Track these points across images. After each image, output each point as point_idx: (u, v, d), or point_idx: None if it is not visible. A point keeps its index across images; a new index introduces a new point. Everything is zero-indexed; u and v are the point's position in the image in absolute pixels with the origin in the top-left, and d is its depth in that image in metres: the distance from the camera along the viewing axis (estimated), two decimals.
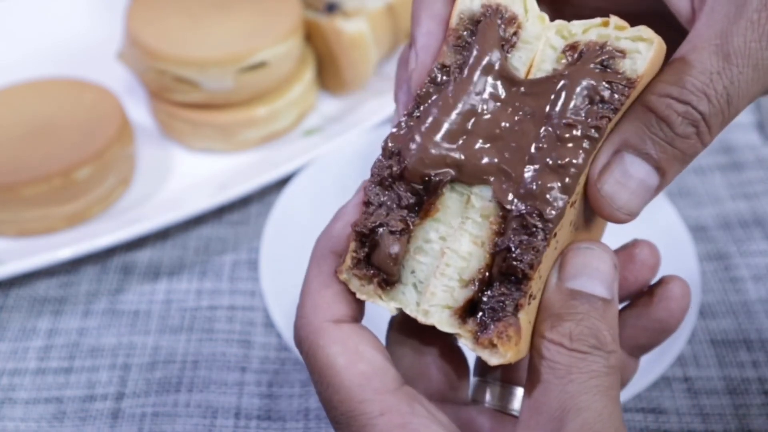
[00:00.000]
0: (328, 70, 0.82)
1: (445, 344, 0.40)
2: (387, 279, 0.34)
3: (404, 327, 0.40)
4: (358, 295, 0.34)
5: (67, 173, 0.67)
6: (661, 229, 0.64)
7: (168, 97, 0.76)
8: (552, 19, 0.36)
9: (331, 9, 0.79)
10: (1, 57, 0.87)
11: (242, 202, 0.74)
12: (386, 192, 0.34)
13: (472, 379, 0.42)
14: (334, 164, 0.72)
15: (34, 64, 0.84)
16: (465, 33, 0.35)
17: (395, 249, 0.33)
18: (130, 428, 0.56)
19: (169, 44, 0.74)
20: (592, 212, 0.36)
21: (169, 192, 0.74)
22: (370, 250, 0.34)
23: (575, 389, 0.31)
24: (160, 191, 0.74)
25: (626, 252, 0.42)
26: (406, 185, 0.33)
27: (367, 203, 0.34)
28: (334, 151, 0.72)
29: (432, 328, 0.34)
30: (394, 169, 0.34)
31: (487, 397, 0.41)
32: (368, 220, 0.34)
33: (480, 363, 0.43)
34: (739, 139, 0.81)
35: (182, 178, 0.76)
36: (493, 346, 0.32)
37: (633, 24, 0.34)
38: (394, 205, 0.34)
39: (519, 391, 0.41)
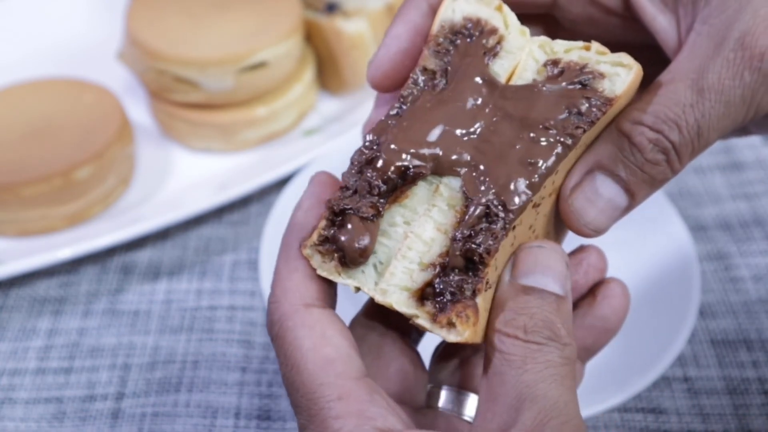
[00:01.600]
0: (328, 70, 0.82)
1: (404, 349, 0.41)
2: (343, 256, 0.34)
3: (366, 322, 0.41)
4: (319, 272, 0.34)
5: (67, 173, 0.67)
6: (661, 229, 0.64)
7: (168, 97, 0.76)
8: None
9: (331, 9, 0.79)
10: (1, 57, 0.87)
11: (242, 202, 0.74)
12: (362, 180, 0.35)
13: (428, 387, 0.42)
14: (334, 164, 0.72)
15: (34, 64, 0.84)
16: (445, 41, 0.37)
17: (364, 242, 0.34)
18: (130, 428, 0.56)
19: (169, 44, 0.74)
20: (563, 226, 0.37)
21: (169, 192, 0.74)
22: (337, 230, 0.34)
23: (531, 379, 0.31)
24: (160, 191, 0.74)
25: (575, 257, 0.42)
26: (382, 174, 0.34)
27: (343, 188, 0.35)
28: (334, 151, 0.72)
29: (394, 324, 0.35)
30: (374, 160, 0.35)
31: (441, 402, 0.41)
32: (342, 201, 0.34)
33: (435, 370, 0.43)
34: (739, 139, 0.81)
35: (182, 178, 0.76)
36: (451, 324, 0.33)
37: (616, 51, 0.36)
38: (366, 193, 0.34)
39: (473, 398, 0.41)
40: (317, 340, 0.33)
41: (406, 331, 0.41)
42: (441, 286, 0.34)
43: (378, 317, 0.41)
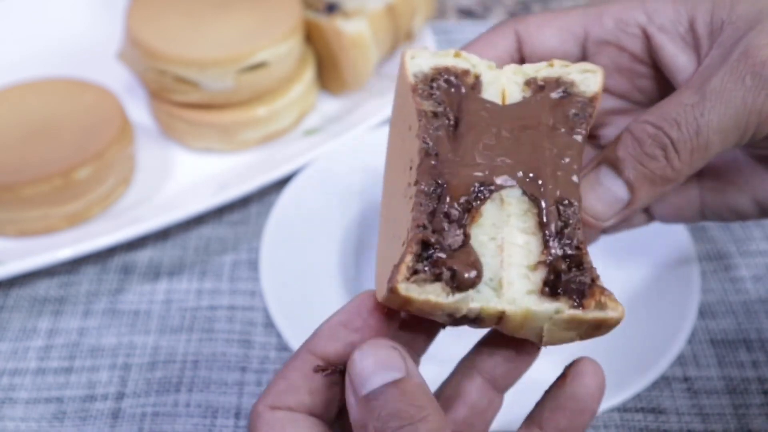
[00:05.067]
0: (328, 70, 0.83)
1: None
2: (454, 279, 0.34)
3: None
4: (424, 297, 0.33)
5: (67, 173, 0.67)
6: (661, 229, 0.65)
7: (168, 97, 0.76)
8: None
9: (331, 9, 0.79)
10: (1, 57, 0.87)
11: (242, 202, 0.74)
12: (438, 212, 0.35)
13: None
14: (334, 164, 0.72)
15: (34, 64, 0.84)
16: (426, 87, 0.38)
17: (473, 270, 0.34)
18: (130, 428, 0.56)
19: (169, 44, 0.74)
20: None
21: (169, 192, 0.74)
22: (439, 260, 0.34)
23: None
24: (160, 191, 0.74)
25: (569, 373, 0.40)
26: (456, 200, 0.35)
27: (420, 226, 0.35)
28: (334, 151, 0.72)
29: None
30: (443, 193, 0.35)
31: None
32: (428, 235, 0.34)
33: None
34: None
35: (182, 178, 0.76)
36: (602, 305, 0.34)
37: None
38: (446, 224, 0.35)
39: None
40: None
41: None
42: (562, 281, 0.34)
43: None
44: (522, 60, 0.45)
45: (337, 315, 0.37)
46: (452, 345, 0.43)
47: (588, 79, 0.38)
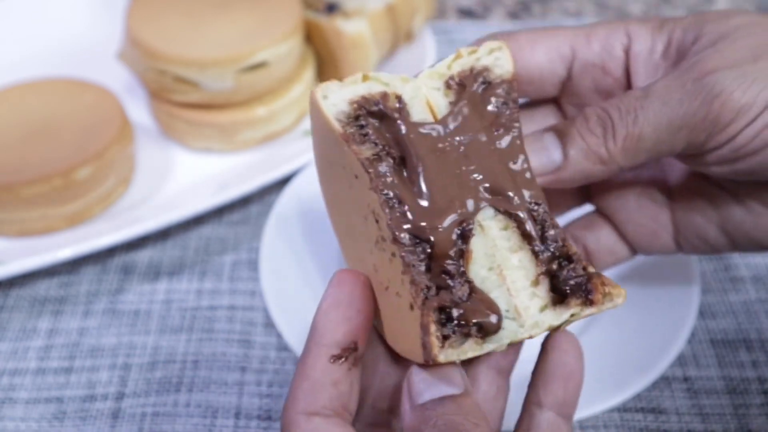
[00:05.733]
0: (328, 70, 0.82)
1: None
2: (481, 331, 0.35)
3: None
4: (463, 357, 0.34)
5: (67, 173, 0.67)
6: None
7: (168, 97, 0.76)
8: None
9: (331, 9, 0.79)
10: (1, 57, 0.87)
11: (242, 202, 0.74)
12: (435, 271, 0.35)
13: None
14: None
15: (34, 64, 0.84)
16: (353, 129, 0.37)
17: (494, 320, 0.35)
18: (130, 428, 0.56)
19: (169, 44, 0.74)
20: None
21: (169, 192, 0.74)
22: (445, 322, 0.34)
23: None
24: (160, 191, 0.74)
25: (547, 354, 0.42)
26: (446, 251, 0.36)
27: (425, 287, 0.35)
28: None
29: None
30: (431, 246, 0.36)
31: None
32: (438, 300, 0.34)
33: None
34: None
35: (182, 178, 0.76)
36: (608, 295, 0.35)
37: None
38: (449, 279, 0.35)
39: None
40: None
41: None
42: (561, 281, 0.35)
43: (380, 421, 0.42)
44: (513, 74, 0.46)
45: (324, 301, 0.38)
46: None
47: (499, 59, 0.39)
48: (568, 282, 0.35)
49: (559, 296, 0.36)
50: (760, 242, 0.47)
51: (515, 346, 0.43)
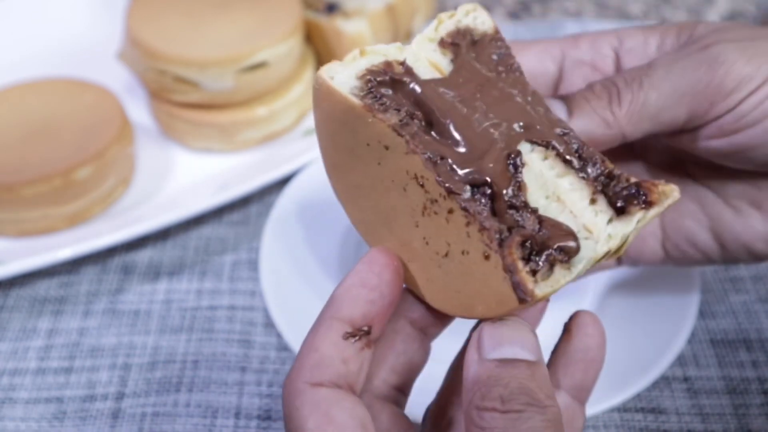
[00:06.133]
0: None
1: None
2: (564, 253, 0.34)
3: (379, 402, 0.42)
4: (558, 287, 0.34)
5: (67, 173, 0.67)
6: None
7: (168, 97, 0.76)
8: None
9: (331, 9, 0.79)
10: (1, 57, 0.87)
11: (242, 202, 0.74)
12: (500, 209, 0.35)
13: None
14: None
15: (34, 64, 0.84)
16: (373, 101, 0.37)
17: (574, 241, 0.34)
18: (130, 428, 0.56)
19: (169, 44, 0.74)
20: None
21: (169, 192, 0.74)
22: (529, 256, 0.34)
23: None
24: (160, 191, 0.74)
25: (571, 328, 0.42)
26: (508, 197, 0.35)
27: (498, 230, 0.34)
28: None
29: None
30: (486, 199, 0.35)
31: None
32: (524, 234, 0.34)
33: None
34: None
35: (182, 178, 0.76)
36: (663, 193, 0.35)
37: None
38: (514, 211, 0.35)
39: None
40: (320, 419, 0.34)
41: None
42: (614, 194, 0.36)
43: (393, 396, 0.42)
44: None
45: (350, 277, 0.37)
46: (454, 342, 0.43)
47: (477, 18, 0.40)
48: (621, 194, 0.35)
49: (621, 208, 0.35)
50: (751, 247, 0.47)
51: (543, 304, 0.42)
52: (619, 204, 0.35)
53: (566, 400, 0.40)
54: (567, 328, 0.41)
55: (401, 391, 0.42)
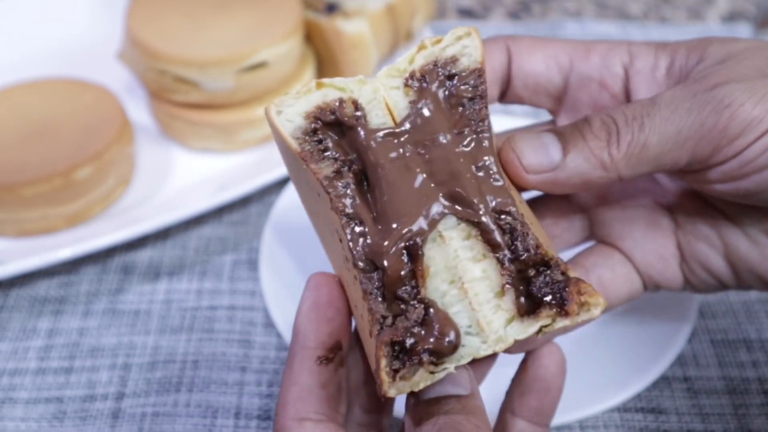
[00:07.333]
0: (328, 70, 0.83)
1: None
2: (434, 354, 0.33)
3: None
4: (415, 389, 0.33)
5: (67, 173, 0.67)
6: None
7: (168, 97, 0.76)
8: None
9: (331, 9, 0.79)
10: (1, 57, 0.87)
11: (242, 202, 0.74)
12: (389, 301, 0.34)
13: None
14: None
15: (34, 64, 0.84)
16: (311, 145, 0.35)
17: (452, 337, 0.33)
18: (130, 428, 0.56)
19: (169, 44, 0.74)
20: None
21: (169, 192, 0.74)
22: (399, 353, 0.33)
23: None
24: (160, 191, 0.75)
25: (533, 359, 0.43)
26: (397, 274, 0.34)
27: (381, 317, 0.34)
28: None
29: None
30: (379, 281, 0.34)
31: None
32: (395, 333, 0.33)
33: None
34: None
35: (182, 178, 0.76)
36: (585, 305, 0.33)
37: None
38: (402, 306, 0.34)
39: None
40: None
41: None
42: (536, 288, 0.33)
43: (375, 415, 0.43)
44: (509, 75, 0.44)
45: (303, 304, 0.39)
46: None
47: (467, 47, 0.36)
48: (541, 290, 0.33)
49: (534, 306, 0.33)
50: (765, 277, 0.44)
51: (490, 357, 0.43)
52: (539, 297, 0.33)
53: (522, 425, 0.42)
54: (524, 359, 0.42)
55: (382, 413, 0.43)
